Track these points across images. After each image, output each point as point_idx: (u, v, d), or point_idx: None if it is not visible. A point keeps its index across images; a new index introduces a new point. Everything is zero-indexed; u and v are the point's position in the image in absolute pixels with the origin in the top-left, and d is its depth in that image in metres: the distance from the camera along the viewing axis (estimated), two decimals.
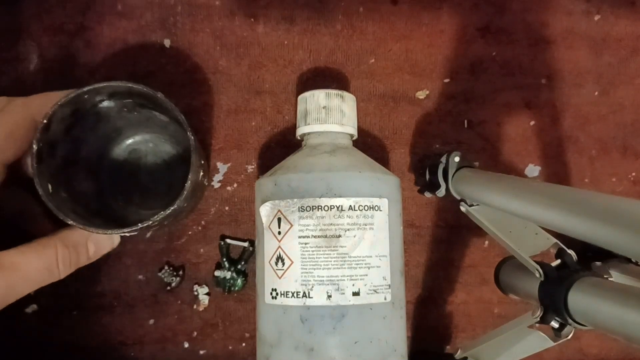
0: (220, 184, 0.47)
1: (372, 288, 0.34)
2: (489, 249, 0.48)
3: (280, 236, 0.35)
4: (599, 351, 0.49)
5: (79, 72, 0.46)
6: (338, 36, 0.48)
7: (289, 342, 0.34)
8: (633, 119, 0.50)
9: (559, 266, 0.35)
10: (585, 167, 0.49)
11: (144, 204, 0.46)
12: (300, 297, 0.34)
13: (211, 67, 0.47)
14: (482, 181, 0.39)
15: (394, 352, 0.35)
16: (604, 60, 0.50)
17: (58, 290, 0.45)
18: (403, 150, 0.48)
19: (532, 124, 0.49)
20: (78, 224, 0.36)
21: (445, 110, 0.48)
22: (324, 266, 0.34)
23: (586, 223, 0.27)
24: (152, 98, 0.38)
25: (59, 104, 0.36)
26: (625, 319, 0.27)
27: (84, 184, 0.42)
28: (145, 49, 0.46)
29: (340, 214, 0.34)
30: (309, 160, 0.36)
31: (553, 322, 0.33)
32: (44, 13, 0.46)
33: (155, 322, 0.46)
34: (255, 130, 0.47)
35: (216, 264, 0.46)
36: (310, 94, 0.39)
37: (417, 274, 0.48)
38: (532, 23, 0.49)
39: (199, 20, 0.47)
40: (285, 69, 0.47)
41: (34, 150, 0.35)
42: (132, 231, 0.37)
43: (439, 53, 0.48)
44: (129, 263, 0.46)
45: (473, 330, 0.48)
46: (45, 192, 0.36)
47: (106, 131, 0.43)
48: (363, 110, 0.47)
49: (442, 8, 0.49)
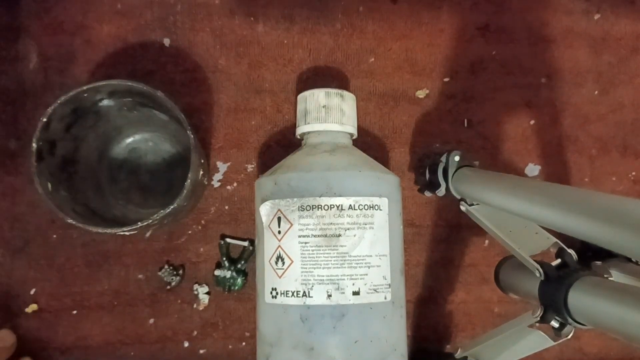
0: (220, 183, 0.47)
1: (372, 287, 0.34)
2: (489, 248, 0.48)
3: (280, 235, 0.35)
4: (599, 350, 0.49)
5: (79, 71, 0.46)
6: (338, 35, 0.48)
7: (289, 341, 0.34)
8: (633, 118, 0.50)
9: (559, 265, 0.35)
10: (585, 166, 0.49)
11: (143, 202, 0.46)
12: (300, 296, 0.34)
13: (211, 66, 0.47)
14: (482, 180, 0.39)
15: (394, 352, 0.35)
16: (604, 59, 0.50)
17: (58, 290, 0.45)
18: (403, 150, 0.48)
19: (532, 123, 0.49)
20: (78, 222, 0.36)
21: (445, 110, 0.48)
22: (324, 265, 0.34)
23: (586, 222, 0.27)
24: (152, 97, 0.38)
25: (59, 102, 0.36)
26: (625, 319, 0.27)
27: (84, 182, 0.42)
28: (145, 48, 0.46)
29: (340, 213, 0.34)
30: (309, 159, 0.36)
31: (553, 322, 0.33)
32: (44, 12, 0.46)
33: (155, 321, 0.46)
34: (255, 130, 0.47)
35: (216, 263, 0.46)
36: (310, 93, 0.39)
37: (417, 273, 0.48)
38: (532, 22, 0.49)
39: (198, 19, 0.47)
40: (285, 68, 0.47)
41: (34, 149, 0.35)
42: (131, 230, 0.37)
43: (439, 52, 0.48)
44: (128, 262, 0.46)
45: (473, 329, 0.48)
46: (45, 191, 0.36)
47: (106, 130, 0.43)
48: (363, 109, 0.47)
49: (442, 7, 0.49)
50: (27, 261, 0.45)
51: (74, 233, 0.45)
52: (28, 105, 0.45)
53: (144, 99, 0.40)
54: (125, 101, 0.41)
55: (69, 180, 0.40)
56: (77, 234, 0.45)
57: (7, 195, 0.45)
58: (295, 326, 0.34)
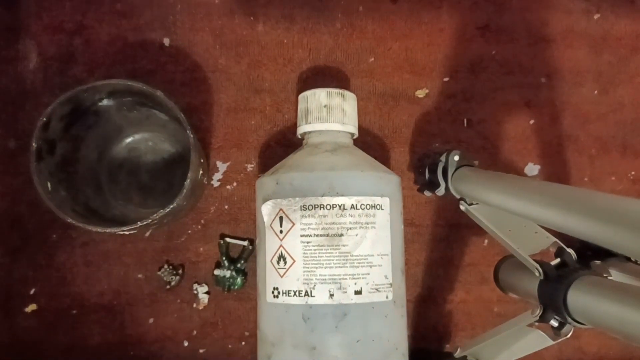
0: (219, 182, 0.47)
1: (374, 287, 0.34)
2: (489, 247, 0.48)
3: (282, 235, 0.35)
4: (598, 349, 0.49)
5: (78, 71, 0.46)
6: (338, 35, 0.48)
7: (290, 340, 0.34)
8: (633, 117, 0.50)
9: (558, 265, 0.35)
10: (584, 166, 0.49)
11: (143, 202, 0.46)
12: (302, 295, 0.34)
13: (211, 65, 0.47)
14: (481, 180, 0.39)
15: (395, 351, 0.35)
16: (604, 59, 0.50)
17: (58, 289, 0.45)
18: (402, 149, 0.48)
19: (532, 122, 0.49)
20: (77, 222, 0.36)
21: (444, 109, 0.48)
22: (326, 265, 0.34)
23: (586, 222, 0.27)
24: (152, 96, 0.38)
25: (59, 101, 0.36)
26: (625, 318, 0.27)
27: (84, 182, 0.42)
28: (144, 47, 0.46)
29: (342, 212, 0.34)
30: (311, 159, 0.36)
31: (552, 321, 0.33)
32: (44, 12, 0.46)
33: (155, 320, 0.46)
34: (255, 129, 0.47)
35: (215, 262, 0.46)
36: (311, 93, 0.38)
37: (417, 273, 0.48)
38: (532, 22, 0.49)
39: (198, 19, 0.47)
40: (284, 67, 0.47)
41: (33, 149, 0.35)
42: (131, 230, 0.37)
43: (439, 52, 0.48)
44: (128, 262, 0.46)
45: (472, 328, 0.48)
46: (44, 191, 0.36)
47: (106, 129, 0.43)
48: (362, 109, 0.47)
49: (442, 7, 0.49)
50: (26, 261, 0.45)
51: (73, 233, 0.45)
52: (28, 104, 0.45)
53: (144, 98, 0.40)
54: (125, 101, 0.41)
55: (69, 180, 0.40)
56: (77, 233, 0.45)
57: (7, 194, 0.45)
58: (297, 325, 0.34)
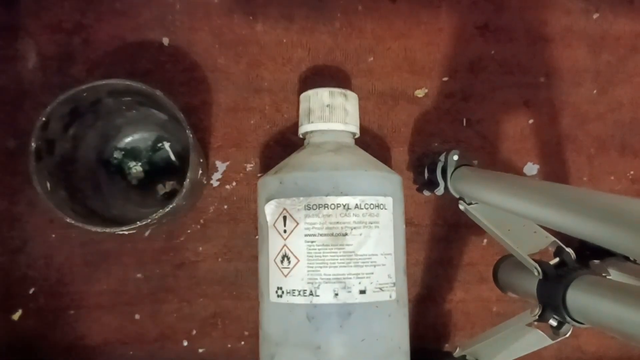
0: (219, 182, 0.47)
1: (378, 286, 0.34)
2: (488, 247, 0.48)
3: (286, 234, 0.35)
4: (597, 349, 0.49)
5: (78, 70, 0.46)
6: (337, 34, 0.48)
7: (294, 340, 0.34)
8: (631, 117, 0.50)
9: (557, 264, 0.35)
10: (583, 166, 0.49)
11: (142, 202, 0.46)
12: (306, 295, 0.34)
13: (210, 65, 0.47)
14: (480, 179, 0.39)
15: (398, 349, 0.35)
16: (603, 58, 0.50)
17: (58, 289, 0.45)
18: (402, 149, 0.48)
19: (531, 122, 0.49)
20: (77, 222, 0.36)
21: (444, 109, 0.48)
22: (331, 264, 0.34)
23: (585, 221, 0.27)
24: (151, 96, 0.38)
25: (58, 101, 0.36)
26: (624, 317, 0.27)
27: (83, 182, 0.42)
28: (143, 47, 0.46)
29: (346, 212, 0.34)
30: (315, 158, 0.36)
31: (551, 320, 0.34)
32: (43, 11, 0.46)
33: (154, 320, 0.46)
34: (254, 129, 0.47)
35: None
36: (313, 92, 0.38)
37: (416, 272, 0.48)
38: (531, 21, 0.49)
39: (197, 18, 0.47)
40: (284, 67, 0.47)
41: (32, 148, 0.35)
42: (130, 229, 0.37)
43: (438, 51, 0.48)
44: (127, 262, 0.46)
45: (472, 328, 0.48)
46: (43, 190, 0.36)
47: (105, 129, 0.43)
48: (362, 108, 0.47)
49: (441, 6, 0.49)
50: (26, 261, 0.45)
51: (72, 232, 0.45)
52: (27, 104, 0.45)
53: (143, 98, 0.40)
54: (124, 100, 0.41)
55: (68, 179, 0.40)
56: (76, 233, 0.45)
57: (6, 194, 0.45)
58: (302, 325, 0.34)
